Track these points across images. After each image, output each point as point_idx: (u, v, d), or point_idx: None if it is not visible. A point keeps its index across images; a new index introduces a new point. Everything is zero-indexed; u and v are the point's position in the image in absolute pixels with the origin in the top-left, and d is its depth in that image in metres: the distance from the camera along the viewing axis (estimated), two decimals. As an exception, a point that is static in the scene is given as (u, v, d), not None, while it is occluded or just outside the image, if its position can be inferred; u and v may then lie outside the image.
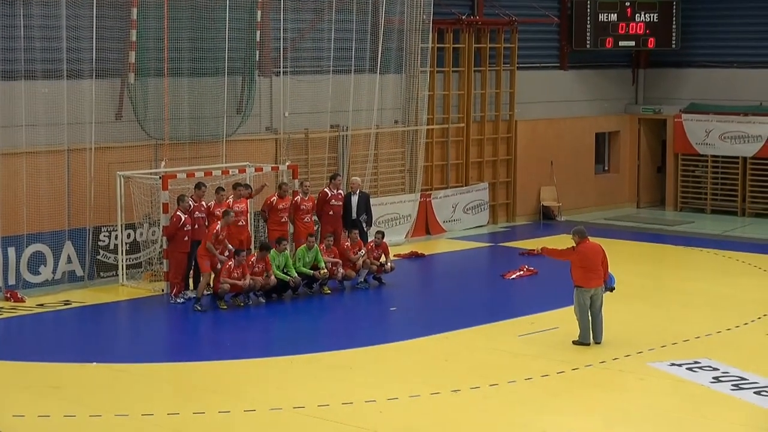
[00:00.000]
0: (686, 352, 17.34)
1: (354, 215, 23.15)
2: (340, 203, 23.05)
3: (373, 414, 14.53)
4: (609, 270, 17.92)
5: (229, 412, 14.53)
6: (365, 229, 23.24)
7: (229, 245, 20.58)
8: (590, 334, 17.56)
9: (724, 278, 23.25)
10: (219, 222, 20.27)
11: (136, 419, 14.30)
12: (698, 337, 18.31)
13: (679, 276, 23.89)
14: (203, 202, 21.19)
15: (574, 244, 17.72)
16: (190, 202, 20.87)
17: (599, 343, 17.55)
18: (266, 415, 14.49)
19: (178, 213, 20.67)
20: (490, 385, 15.65)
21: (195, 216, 20.94)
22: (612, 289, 18.04)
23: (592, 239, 18.01)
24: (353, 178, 24.06)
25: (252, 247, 21.74)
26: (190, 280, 20.95)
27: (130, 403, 14.86)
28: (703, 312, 20.23)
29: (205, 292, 20.32)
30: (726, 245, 26.65)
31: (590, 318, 17.57)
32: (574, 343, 17.57)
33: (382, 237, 22.54)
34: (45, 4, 21.21)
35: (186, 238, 20.69)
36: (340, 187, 23.20)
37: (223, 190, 21.57)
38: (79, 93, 21.69)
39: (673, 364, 16.59)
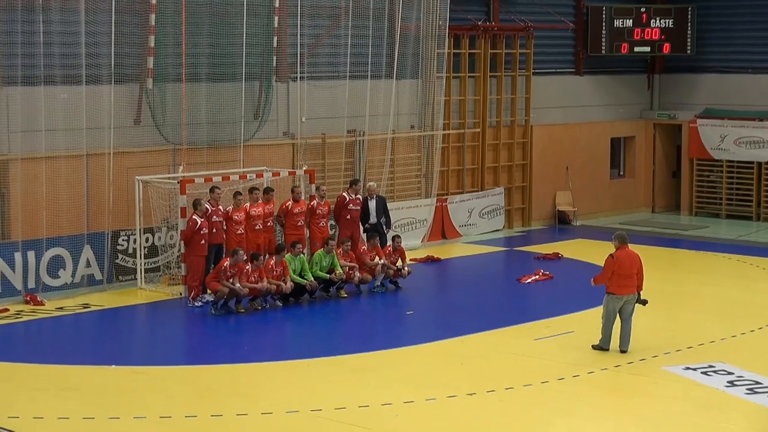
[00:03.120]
0: (701, 356, 17.26)
1: (374, 219, 23.20)
2: (358, 208, 23.08)
3: (389, 417, 14.49)
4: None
5: (246, 414, 14.51)
6: (385, 231, 23.28)
7: (241, 250, 20.41)
8: (610, 341, 17.34)
9: (738, 282, 23.14)
10: (228, 260, 20.15)
11: (154, 422, 14.30)
12: (713, 342, 18.23)
13: (694, 280, 23.78)
14: (220, 207, 21.19)
15: (614, 249, 17.42)
16: (207, 206, 20.89)
17: (625, 351, 17.30)
18: (283, 418, 14.45)
19: (194, 217, 20.69)
20: (506, 389, 15.60)
21: (213, 220, 20.94)
22: (644, 302, 17.57)
23: (630, 246, 17.63)
24: (369, 183, 24.06)
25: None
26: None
27: (148, 406, 14.86)
28: (717, 316, 20.14)
29: (211, 298, 20.27)
30: (741, 250, 26.54)
31: (620, 325, 17.29)
32: (594, 347, 17.47)
33: (400, 241, 22.52)
34: (64, 11, 21.29)
35: (203, 242, 20.72)
36: (359, 192, 23.21)
37: (241, 194, 21.58)
38: (98, 98, 21.74)
39: (687, 368, 16.51)
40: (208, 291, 20.41)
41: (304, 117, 24.84)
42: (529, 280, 22.94)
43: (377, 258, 22.08)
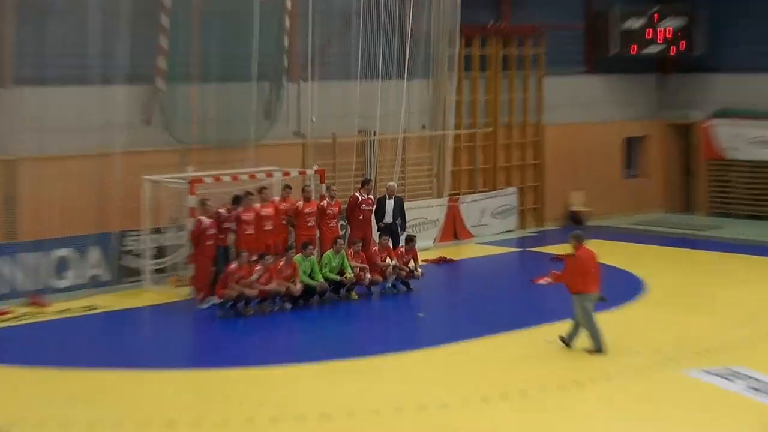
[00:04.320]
0: (720, 359, 16.65)
1: (390, 219, 23.04)
2: (371, 208, 22.84)
3: (400, 423, 13.97)
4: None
5: (253, 420, 13.99)
6: (399, 233, 23.02)
7: (245, 252, 19.92)
8: (601, 339, 16.82)
9: (756, 284, 22.65)
10: (235, 262, 19.68)
11: (159, 428, 13.75)
12: (732, 344, 17.67)
13: (711, 282, 23.27)
14: (233, 212, 20.80)
15: (573, 250, 17.17)
16: (222, 212, 20.44)
17: (569, 343, 17.06)
18: (292, 423, 13.94)
19: (200, 218, 20.27)
20: (521, 394, 15.02)
21: (224, 226, 20.59)
22: (603, 299, 17.27)
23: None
24: (389, 183, 23.94)
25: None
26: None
27: (153, 411, 14.33)
28: (736, 318, 19.57)
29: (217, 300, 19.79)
30: (757, 250, 25.99)
31: (575, 323, 17.00)
32: (589, 352, 16.85)
33: (413, 242, 22.01)
34: (76, 10, 21.04)
35: (210, 243, 20.28)
36: (371, 192, 22.98)
37: (252, 194, 21.11)
38: (109, 98, 21.44)
39: (707, 372, 15.91)
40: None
41: (315, 117, 24.48)
42: (543, 282, 22.38)
43: (388, 259, 21.56)
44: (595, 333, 16.87)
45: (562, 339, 17.15)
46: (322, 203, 22.06)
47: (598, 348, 16.84)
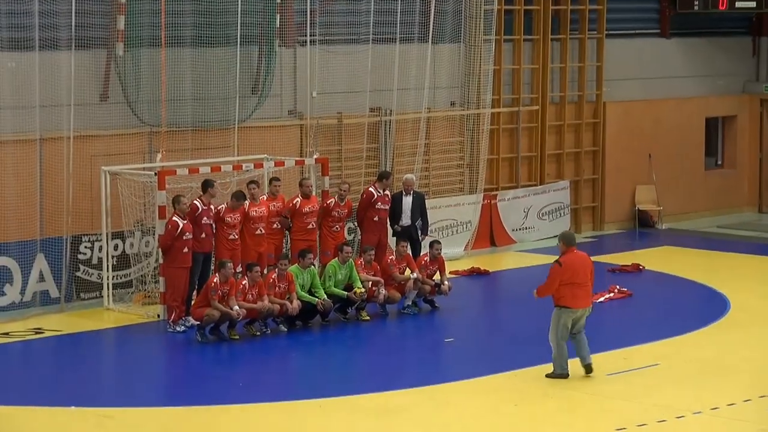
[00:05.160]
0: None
1: (408, 221, 23.20)
2: (387, 207, 23.04)
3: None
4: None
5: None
6: (420, 238, 23.24)
7: (228, 262, 20.32)
8: (567, 364, 17.68)
9: None
10: (217, 275, 20.09)
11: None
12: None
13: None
14: (212, 206, 21.16)
15: (559, 254, 17.82)
16: (198, 205, 20.85)
17: (589, 364, 17.64)
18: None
19: (174, 219, 20.63)
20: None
21: (203, 223, 20.92)
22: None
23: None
24: (407, 175, 23.99)
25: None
26: (193, 302, 20.88)
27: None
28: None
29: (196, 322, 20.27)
30: None
31: (576, 342, 17.73)
32: (548, 376, 17.74)
33: (439, 249, 22.39)
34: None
35: (185, 250, 20.65)
36: (388, 187, 23.14)
37: (245, 198, 21.27)
38: (55, 68, 21.69)
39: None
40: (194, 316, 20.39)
41: (315, 91, 24.78)
42: (602, 299, 22.79)
43: (408, 270, 21.96)
44: (560, 355, 17.70)
45: (587, 367, 17.78)
46: (327, 202, 22.41)
47: (560, 373, 17.69)
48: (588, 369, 17.79)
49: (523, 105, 28.51)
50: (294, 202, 22.17)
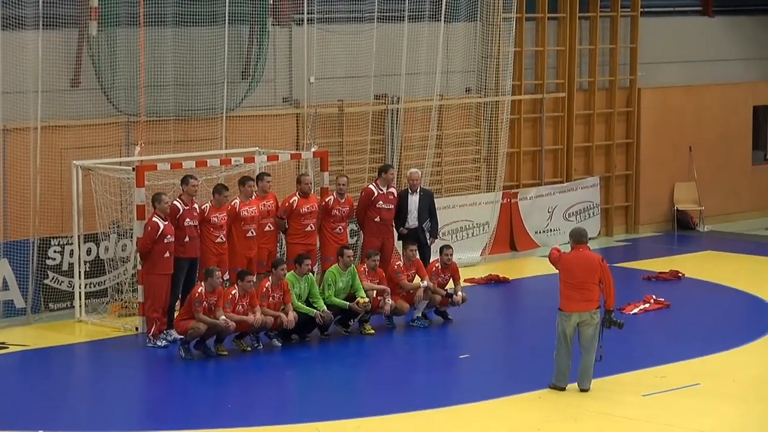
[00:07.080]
0: None
1: (414, 222, 23.21)
2: (392, 206, 23.06)
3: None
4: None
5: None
6: (428, 242, 23.25)
7: (216, 270, 20.34)
8: (567, 376, 17.93)
9: None
10: (202, 284, 20.11)
11: None
12: None
13: None
14: (196, 205, 21.18)
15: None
16: (178, 205, 20.88)
17: (586, 390, 17.80)
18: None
19: (154, 219, 20.67)
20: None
21: (185, 224, 20.96)
22: (618, 325, 18.07)
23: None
24: (411, 170, 24.00)
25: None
26: (176, 313, 20.92)
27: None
28: None
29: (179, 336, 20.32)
30: None
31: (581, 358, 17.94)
32: (550, 387, 18.10)
33: (450, 255, 22.42)
34: None
35: (167, 254, 20.70)
36: (391, 183, 23.16)
37: (227, 189, 21.43)
38: (20, 49, 21.77)
39: None
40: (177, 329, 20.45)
41: (313, 76, 24.83)
42: (636, 310, 22.84)
43: (418, 278, 22.00)
44: (560, 364, 18.02)
45: (583, 391, 18.00)
46: (326, 200, 22.49)
47: (555, 384, 18.04)
48: (583, 391, 18.03)
49: (547, 92, 28.61)
50: (291, 201, 22.22)
